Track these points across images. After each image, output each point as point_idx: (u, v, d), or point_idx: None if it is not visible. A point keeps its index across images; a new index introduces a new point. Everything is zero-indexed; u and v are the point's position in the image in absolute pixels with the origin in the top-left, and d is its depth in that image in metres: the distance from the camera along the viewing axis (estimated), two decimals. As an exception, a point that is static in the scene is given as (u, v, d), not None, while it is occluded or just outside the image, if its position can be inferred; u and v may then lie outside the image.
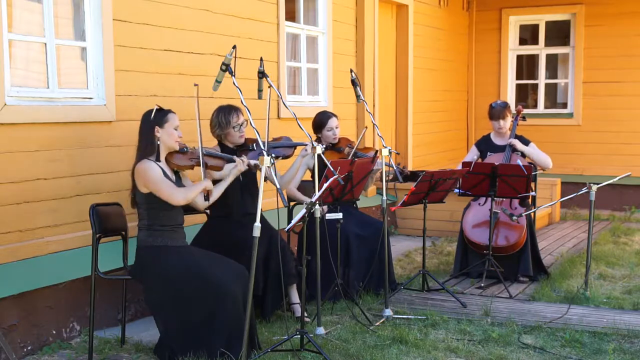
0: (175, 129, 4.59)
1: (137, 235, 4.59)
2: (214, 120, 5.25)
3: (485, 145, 6.75)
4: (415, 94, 9.90)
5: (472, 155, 6.79)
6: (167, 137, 4.56)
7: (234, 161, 4.89)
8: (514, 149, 6.54)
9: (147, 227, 4.53)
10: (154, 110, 4.56)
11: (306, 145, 5.21)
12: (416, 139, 9.99)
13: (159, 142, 4.54)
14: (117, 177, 5.32)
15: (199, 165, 4.67)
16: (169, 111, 4.62)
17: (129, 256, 4.84)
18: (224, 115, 5.21)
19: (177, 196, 4.46)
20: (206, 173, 4.70)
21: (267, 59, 6.51)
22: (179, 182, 4.65)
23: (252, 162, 4.91)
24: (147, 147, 4.54)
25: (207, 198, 4.68)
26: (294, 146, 5.41)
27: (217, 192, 4.81)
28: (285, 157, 5.39)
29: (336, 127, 6.07)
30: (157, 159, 4.54)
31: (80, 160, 5.05)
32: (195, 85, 4.65)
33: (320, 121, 6.07)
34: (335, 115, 6.13)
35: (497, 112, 6.58)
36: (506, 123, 6.59)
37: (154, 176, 4.44)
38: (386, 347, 4.69)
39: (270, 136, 5.31)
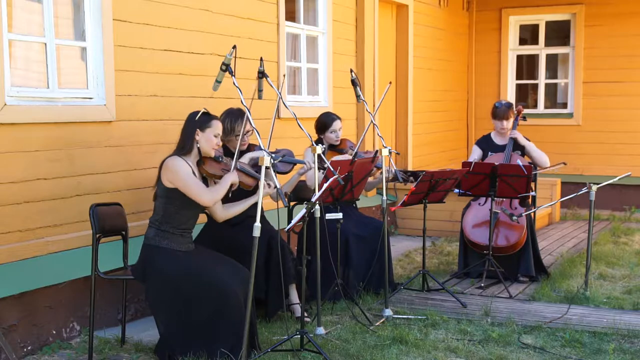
0: (216, 136, 4.61)
1: (146, 231, 4.58)
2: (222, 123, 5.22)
3: (486, 144, 6.75)
4: (415, 94, 9.90)
5: (476, 154, 6.77)
6: (205, 142, 4.57)
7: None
8: (515, 144, 6.54)
9: (157, 226, 4.51)
10: (200, 113, 4.57)
11: (305, 163, 5.19)
12: (416, 139, 9.99)
13: (198, 145, 4.56)
14: (117, 177, 5.32)
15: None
16: (214, 118, 4.64)
17: (129, 256, 4.84)
18: (230, 122, 5.18)
19: (205, 196, 4.49)
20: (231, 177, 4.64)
21: (267, 59, 6.51)
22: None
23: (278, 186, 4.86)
24: (184, 146, 4.57)
25: (229, 192, 4.63)
26: (293, 164, 5.36)
27: (239, 208, 4.87)
28: (282, 173, 5.35)
29: (339, 130, 6.05)
30: (193, 160, 4.57)
31: (80, 160, 5.05)
32: (257, 89, 4.60)
33: (325, 123, 6.05)
34: (340, 118, 6.10)
35: (501, 112, 6.57)
36: (509, 124, 6.59)
37: (184, 173, 4.45)
38: (386, 347, 4.69)
39: (273, 147, 5.28)
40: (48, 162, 4.83)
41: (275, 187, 4.26)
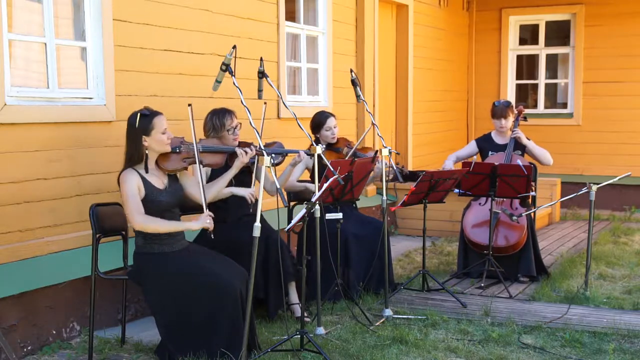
0: (164, 133, 4.41)
1: (135, 239, 4.55)
2: (208, 123, 5.19)
3: (486, 143, 6.76)
4: (415, 94, 9.90)
5: (469, 149, 6.80)
6: (156, 144, 4.41)
7: (235, 154, 4.83)
8: (516, 144, 6.55)
9: (143, 235, 4.44)
10: (138, 117, 4.36)
11: (297, 153, 5.19)
12: (416, 139, 9.99)
13: (147, 152, 4.41)
14: (116, 177, 5.31)
15: (194, 164, 4.53)
16: (155, 115, 4.41)
17: (129, 256, 4.83)
18: (218, 118, 5.15)
19: (136, 220, 4.30)
20: (201, 170, 4.49)
21: (267, 59, 6.51)
22: (173, 186, 4.56)
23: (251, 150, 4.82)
24: (133, 156, 4.41)
25: (211, 234, 4.42)
26: (285, 154, 5.34)
27: (218, 186, 4.77)
28: (275, 164, 5.33)
29: (334, 127, 6.05)
30: (145, 169, 4.42)
31: (80, 160, 5.05)
32: (189, 105, 4.44)
33: (319, 121, 6.06)
34: (333, 115, 6.11)
35: (499, 110, 6.59)
36: (507, 122, 6.60)
37: (125, 190, 4.32)
38: (386, 347, 4.69)
39: (264, 141, 5.26)
40: (48, 162, 4.83)
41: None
